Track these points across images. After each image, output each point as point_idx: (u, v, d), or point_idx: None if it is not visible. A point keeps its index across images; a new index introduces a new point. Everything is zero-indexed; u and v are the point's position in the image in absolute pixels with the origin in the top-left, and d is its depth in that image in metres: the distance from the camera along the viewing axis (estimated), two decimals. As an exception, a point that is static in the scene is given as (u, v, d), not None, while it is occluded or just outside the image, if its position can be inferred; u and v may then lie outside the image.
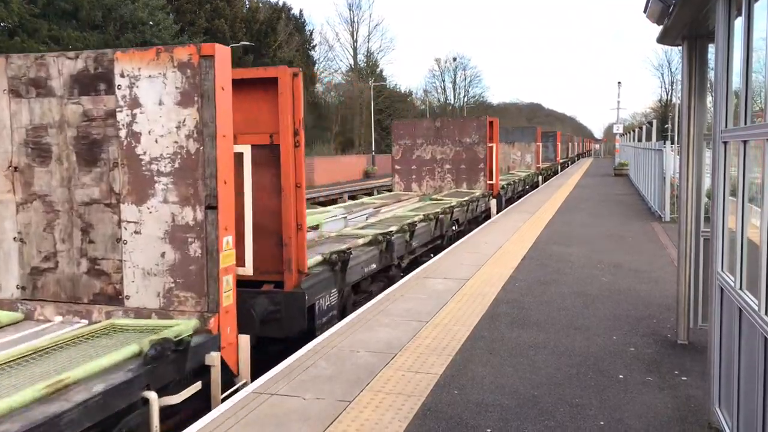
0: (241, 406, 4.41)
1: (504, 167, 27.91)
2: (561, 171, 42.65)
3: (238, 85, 5.41)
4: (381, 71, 69.85)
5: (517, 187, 23.63)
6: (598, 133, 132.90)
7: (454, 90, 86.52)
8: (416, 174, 17.72)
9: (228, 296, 4.89)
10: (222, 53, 4.84)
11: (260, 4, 43.71)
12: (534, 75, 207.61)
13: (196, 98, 4.78)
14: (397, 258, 9.35)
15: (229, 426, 4.10)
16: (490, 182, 17.42)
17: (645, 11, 5.06)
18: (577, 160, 66.94)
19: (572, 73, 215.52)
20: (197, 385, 4.47)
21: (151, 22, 31.30)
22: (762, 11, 3.22)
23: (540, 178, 31.11)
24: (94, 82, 5.02)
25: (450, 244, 11.95)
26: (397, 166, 17.96)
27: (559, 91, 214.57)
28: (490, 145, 17.30)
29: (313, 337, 6.08)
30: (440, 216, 12.00)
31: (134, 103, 4.93)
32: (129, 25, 29.92)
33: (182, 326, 4.55)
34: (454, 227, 13.35)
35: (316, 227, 9.43)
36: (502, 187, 19.31)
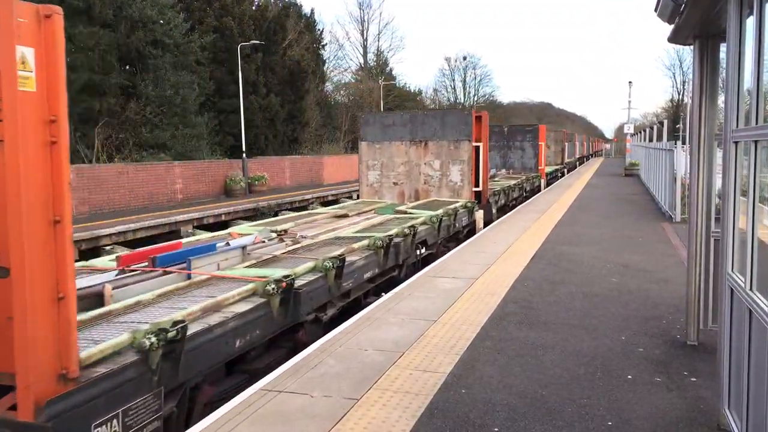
0: (248, 403, 4.43)
1: (409, 192, 15.17)
2: (546, 188, 26.97)
3: None
4: (391, 70, 69.97)
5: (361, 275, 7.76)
6: (609, 133, 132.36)
7: (464, 89, 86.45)
8: None
9: None
10: None
11: (269, 3, 43.76)
12: (544, 74, 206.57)
13: None
14: None
15: (237, 423, 4.12)
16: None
17: (656, 10, 5.03)
18: (579, 165, 52.20)
19: (583, 72, 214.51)
20: None
21: (161, 21, 31.43)
22: (774, 10, 3.19)
23: (479, 214, 14.40)
24: None
25: None
26: None
27: (570, 90, 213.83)
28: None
29: None
30: None
31: None
32: (139, 23, 30.06)
33: None
34: None
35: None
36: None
